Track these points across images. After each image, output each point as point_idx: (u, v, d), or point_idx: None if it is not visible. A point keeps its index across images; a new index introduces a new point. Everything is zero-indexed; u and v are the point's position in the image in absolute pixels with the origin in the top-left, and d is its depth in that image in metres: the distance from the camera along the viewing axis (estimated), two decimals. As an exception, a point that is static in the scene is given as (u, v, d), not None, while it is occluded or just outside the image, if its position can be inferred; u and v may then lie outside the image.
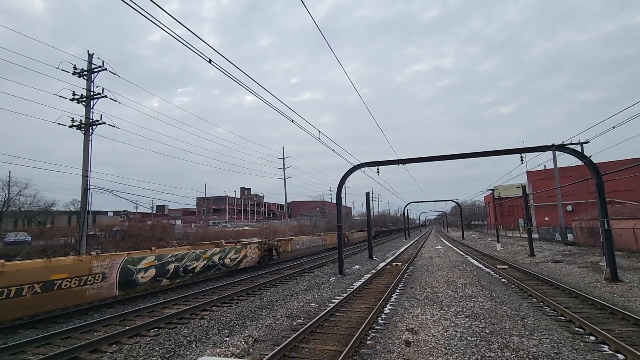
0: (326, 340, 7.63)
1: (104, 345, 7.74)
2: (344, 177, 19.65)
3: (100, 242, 26.28)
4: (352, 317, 9.38)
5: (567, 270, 17.71)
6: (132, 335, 8.44)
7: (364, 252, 29.89)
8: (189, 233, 37.91)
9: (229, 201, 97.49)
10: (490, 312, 9.46)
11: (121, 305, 11.74)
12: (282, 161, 44.95)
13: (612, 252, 14.21)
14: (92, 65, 18.39)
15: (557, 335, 7.67)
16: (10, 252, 20.66)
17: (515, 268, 18.86)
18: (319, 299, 12.02)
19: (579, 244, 27.99)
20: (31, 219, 39.18)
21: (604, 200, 14.57)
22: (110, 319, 9.66)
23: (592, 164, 15.05)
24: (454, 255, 26.33)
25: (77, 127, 17.95)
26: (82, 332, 8.72)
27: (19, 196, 37.71)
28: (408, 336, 7.62)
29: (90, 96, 18.22)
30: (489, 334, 7.61)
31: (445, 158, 18.58)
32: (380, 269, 19.02)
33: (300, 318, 9.53)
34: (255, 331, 8.33)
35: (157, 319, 9.40)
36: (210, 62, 8.57)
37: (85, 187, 17.64)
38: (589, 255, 21.77)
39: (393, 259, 24.42)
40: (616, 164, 40.36)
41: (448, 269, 18.24)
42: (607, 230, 14.41)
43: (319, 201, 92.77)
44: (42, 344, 7.86)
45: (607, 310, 9.66)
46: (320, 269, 20.41)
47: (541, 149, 16.77)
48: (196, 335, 8.41)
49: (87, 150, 17.85)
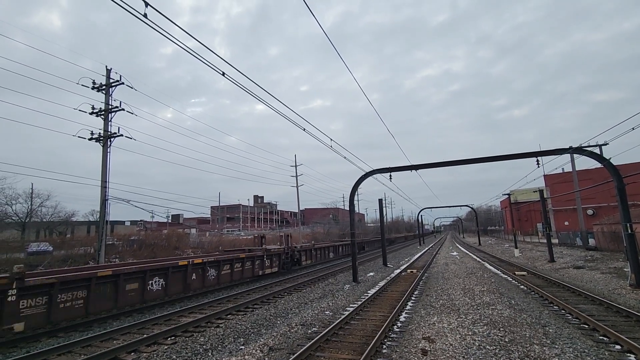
0: (341, 348, 7.58)
1: (123, 353, 7.88)
2: (356, 184, 19.62)
3: (118, 252, 26.84)
4: (367, 325, 9.29)
5: (589, 276, 17.15)
6: (150, 343, 8.56)
7: (378, 259, 29.61)
8: (203, 242, 38.36)
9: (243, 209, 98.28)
10: (510, 320, 9.22)
11: (139, 314, 11.94)
12: (295, 169, 45.23)
13: (637, 257, 13.71)
14: (110, 80, 19.01)
15: (581, 344, 7.42)
16: (33, 262, 21.28)
17: (534, 274, 18.37)
18: (334, 306, 11.95)
19: (601, 249, 27.08)
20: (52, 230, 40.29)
21: (626, 203, 14.12)
22: (128, 327, 9.83)
23: (612, 166, 14.64)
24: (471, 262, 25.83)
25: (96, 139, 18.52)
26: (102, 341, 8.89)
27: (41, 207, 38.90)
28: (425, 345, 7.50)
29: (109, 110, 18.81)
30: (508, 343, 7.42)
31: (458, 163, 18.37)
32: (395, 276, 18.81)
33: (315, 326, 9.50)
34: (270, 339, 8.34)
35: (174, 327, 9.51)
36: (224, 74, 8.78)
37: (104, 197, 18.12)
38: (612, 260, 21.03)
39: (408, 266, 24.12)
40: (638, 165, 39.09)
41: (464, 276, 17.89)
42: (631, 235, 13.92)
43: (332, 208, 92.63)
44: (63, 352, 8.04)
45: (632, 317, 9.31)
46: (334, 276, 20.32)
47: (558, 151, 16.40)
48: (212, 343, 8.48)
49: (105, 161, 18.38)
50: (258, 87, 10.33)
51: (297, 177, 45.26)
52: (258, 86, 10.29)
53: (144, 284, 12.16)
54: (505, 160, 17.52)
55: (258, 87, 10.33)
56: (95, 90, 18.89)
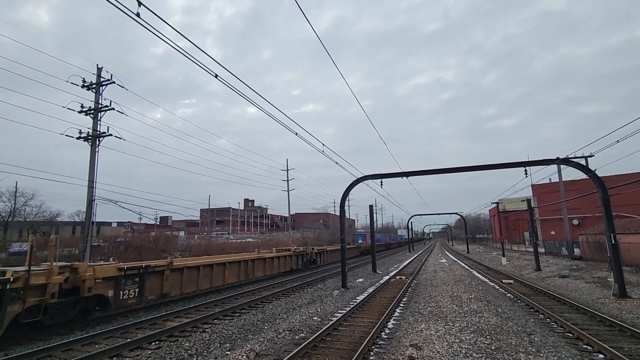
0: (329, 355, 7.52)
1: (104, 358, 7.68)
2: (347, 190, 19.65)
3: (104, 253, 26.29)
4: (355, 332, 9.25)
5: (574, 285, 17.41)
6: (133, 348, 8.37)
7: (367, 265, 29.61)
8: (192, 245, 37.87)
9: (233, 213, 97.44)
10: (496, 328, 9.29)
11: (122, 317, 11.68)
12: (286, 173, 45.12)
13: (620, 267, 13.98)
14: (101, 79, 18.77)
15: (565, 352, 7.50)
16: (14, 263, 20.70)
17: (521, 283, 18.57)
18: (322, 312, 11.88)
19: (586, 258, 27.54)
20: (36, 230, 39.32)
21: (610, 214, 14.42)
22: (111, 331, 9.61)
23: (597, 177, 14.96)
24: (459, 269, 26.01)
25: (84, 138, 18.21)
26: (82, 345, 8.66)
27: (25, 206, 37.99)
28: (412, 352, 7.49)
29: (99, 109, 18.54)
30: (494, 351, 7.46)
31: (449, 171, 18.56)
32: (384, 282, 18.82)
33: (302, 332, 9.41)
34: (257, 345, 8.23)
35: (159, 332, 9.33)
36: (217, 77, 8.73)
37: (91, 198, 17.78)
38: (597, 270, 21.41)
39: (397, 272, 24.16)
40: (622, 177, 40.02)
41: (453, 283, 18.00)
42: (615, 245, 14.21)
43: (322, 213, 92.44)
44: (42, 356, 7.81)
45: (615, 327, 9.46)
46: (323, 282, 20.23)
47: (545, 162, 16.71)
48: (197, 348, 8.33)
49: (93, 161, 18.07)
50: (251, 90, 10.31)
51: (288, 181, 45.16)
52: (251, 89, 10.26)
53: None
54: (494, 170, 17.77)
55: (251, 90, 10.31)
56: (85, 89, 18.60)
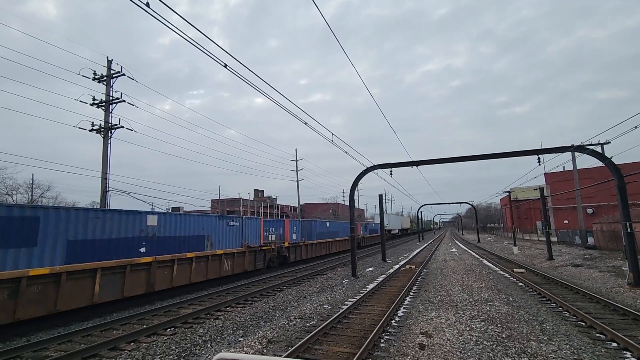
0: (339, 342, 7.63)
1: (122, 343, 7.94)
2: (356, 179, 19.61)
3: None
4: (365, 320, 9.34)
5: (587, 274, 17.20)
6: (150, 334, 8.63)
7: (377, 254, 29.70)
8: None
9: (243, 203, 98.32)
10: (507, 316, 9.27)
11: (138, 306, 12.01)
12: (295, 163, 45.18)
13: (635, 255, 13.73)
14: (111, 71, 18.92)
15: (577, 341, 7.47)
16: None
17: (532, 272, 18.43)
18: (332, 300, 12.01)
19: (600, 247, 27.13)
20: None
21: (626, 202, 14.11)
22: (128, 318, 9.90)
23: (613, 165, 14.61)
24: (469, 259, 25.90)
25: (97, 131, 18.48)
26: (101, 330, 8.96)
27: (42, 198, 38.95)
28: (422, 339, 7.55)
29: (110, 101, 18.74)
30: (505, 339, 7.47)
31: (459, 160, 18.34)
32: (393, 271, 18.88)
33: (313, 320, 9.55)
34: (269, 332, 8.39)
35: (174, 319, 9.58)
36: (226, 66, 8.72)
37: (104, 189, 18.12)
38: (611, 259, 21.09)
39: (407, 261, 24.19)
40: (638, 165, 39.01)
41: (463, 272, 17.95)
42: (630, 234, 13.94)
43: (332, 203, 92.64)
44: (63, 342, 8.11)
45: (629, 316, 9.36)
46: (333, 271, 20.40)
47: (559, 150, 16.36)
48: (211, 335, 8.54)
49: (106, 153, 18.35)
50: (260, 79, 10.28)
51: (297, 172, 45.25)
52: (260, 78, 10.23)
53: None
54: (506, 158, 17.47)
55: (260, 79, 10.28)
56: (96, 82, 18.79)
